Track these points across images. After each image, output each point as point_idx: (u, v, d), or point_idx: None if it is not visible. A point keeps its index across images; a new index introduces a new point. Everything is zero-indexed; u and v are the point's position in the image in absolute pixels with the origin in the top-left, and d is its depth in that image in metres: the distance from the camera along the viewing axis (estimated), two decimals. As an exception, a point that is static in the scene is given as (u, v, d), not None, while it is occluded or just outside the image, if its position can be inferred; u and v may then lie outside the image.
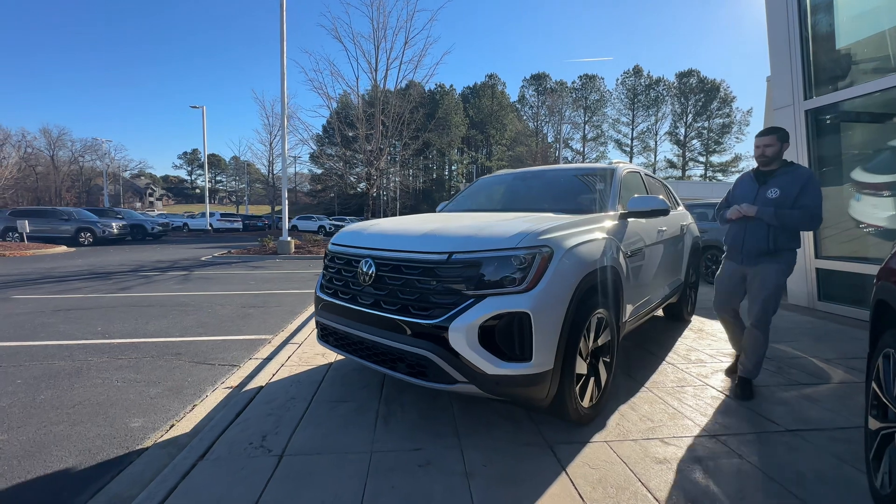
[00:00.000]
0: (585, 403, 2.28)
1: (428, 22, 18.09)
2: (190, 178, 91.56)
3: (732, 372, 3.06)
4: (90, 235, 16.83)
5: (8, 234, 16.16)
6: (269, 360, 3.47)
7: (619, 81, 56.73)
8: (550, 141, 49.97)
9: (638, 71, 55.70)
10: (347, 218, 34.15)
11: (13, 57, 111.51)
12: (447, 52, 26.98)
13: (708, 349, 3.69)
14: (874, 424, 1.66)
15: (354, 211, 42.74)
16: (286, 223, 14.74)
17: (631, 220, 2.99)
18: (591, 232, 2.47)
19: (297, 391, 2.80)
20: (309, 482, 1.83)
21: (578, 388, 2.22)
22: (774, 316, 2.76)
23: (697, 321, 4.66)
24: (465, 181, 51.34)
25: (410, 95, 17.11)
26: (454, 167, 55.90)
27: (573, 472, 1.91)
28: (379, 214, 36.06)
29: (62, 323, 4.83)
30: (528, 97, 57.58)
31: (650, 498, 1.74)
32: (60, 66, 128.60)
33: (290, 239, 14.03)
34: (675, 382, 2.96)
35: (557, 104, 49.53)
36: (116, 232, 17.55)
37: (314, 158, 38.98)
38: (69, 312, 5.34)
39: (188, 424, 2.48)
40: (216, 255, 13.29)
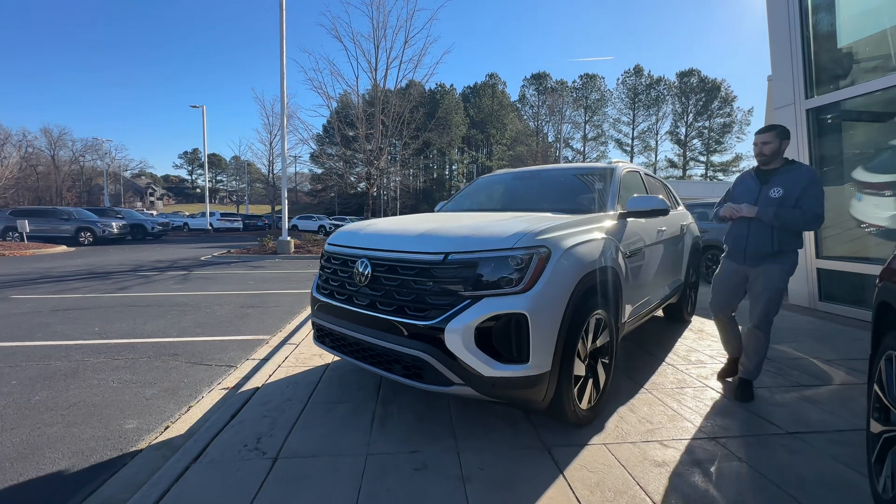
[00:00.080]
0: (584, 405, 2.26)
1: (428, 21, 17.99)
2: (190, 177, 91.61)
3: (723, 377, 3.01)
4: (90, 235, 16.84)
5: (8, 233, 16.16)
6: (266, 360, 3.45)
7: (619, 81, 56.82)
8: (551, 140, 49.86)
9: (638, 70, 55.68)
10: (348, 217, 34.11)
11: (14, 57, 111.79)
12: (447, 51, 26.85)
13: (708, 350, 3.66)
14: (876, 427, 1.64)
15: (355, 210, 42.71)
16: (286, 223, 14.73)
17: (630, 219, 2.96)
18: (589, 232, 2.45)
19: (293, 392, 2.78)
20: (303, 485, 1.81)
21: (577, 389, 2.20)
22: (775, 316, 2.74)
23: (697, 322, 4.63)
24: (465, 181, 51.36)
25: (410, 95, 17.08)
26: (454, 167, 55.94)
27: (571, 475, 1.88)
28: (379, 214, 36.04)
29: (60, 323, 4.81)
30: (528, 97, 57.62)
31: (648, 502, 1.71)
32: (61, 66, 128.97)
33: (289, 239, 14.02)
34: (674, 384, 2.94)
35: (558, 104, 49.49)
36: (116, 231, 17.56)
37: (314, 158, 38.92)
38: (67, 312, 5.33)
39: (183, 426, 2.46)
40: (216, 254, 13.28)
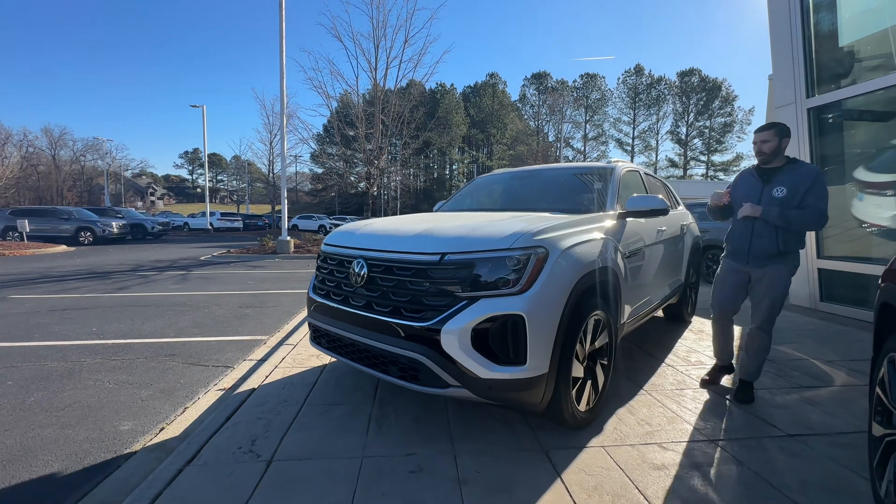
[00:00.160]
0: (582, 407, 2.23)
1: (428, 20, 17.89)
2: (191, 177, 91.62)
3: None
4: (90, 235, 16.85)
5: (8, 233, 16.17)
6: (263, 361, 3.43)
7: (620, 80, 56.68)
8: (551, 140, 49.79)
9: (639, 70, 55.56)
10: (348, 217, 34.12)
11: (15, 57, 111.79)
12: (447, 50, 26.74)
13: (708, 350, 3.63)
14: (878, 431, 1.61)
15: (355, 210, 42.66)
16: (286, 222, 14.72)
17: (630, 219, 2.93)
18: (588, 232, 2.42)
19: (289, 394, 2.76)
20: (297, 488, 1.79)
21: (575, 391, 2.17)
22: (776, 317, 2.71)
23: (698, 322, 4.60)
24: (465, 180, 51.29)
25: (411, 94, 17.06)
26: (455, 166, 55.90)
27: (568, 478, 1.86)
28: (379, 213, 36.03)
29: (57, 323, 4.80)
30: (529, 96, 57.52)
31: (647, 506, 1.69)
32: (62, 65, 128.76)
33: (289, 238, 14.01)
34: (674, 385, 2.91)
35: (558, 103, 49.35)
36: (116, 231, 17.56)
37: (315, 158, 38.96)
38: (65, 312, 5.31)
39: (178, 427, 2.45)
40: (215, 254, 13.27)
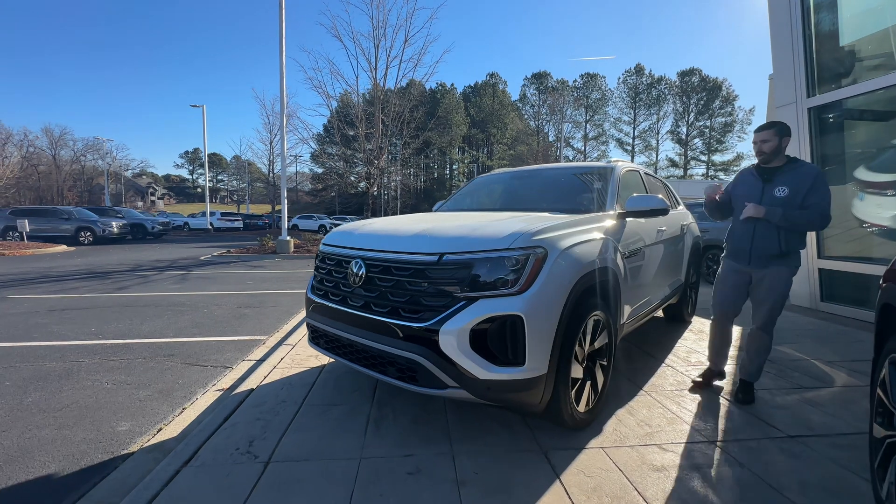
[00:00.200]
0: (581, 408, 2.22)
1: (428, 20, 17.89)
2: (191, 177, 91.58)
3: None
4: (90, 234, 16.85)
5: (8, 233, 16.17)
6: (261, 361, 3.42)
7: (620, 80, 56.56)
8: (552, 140, 49.75)
9: (639, 69, 55.49)
10: (348, 217, 34.13)
11: (15, 56, 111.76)
12: (447, 50, 26.64)
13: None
14: (879, 432, 1.60)
15: (355, 210, 42.65)
16: (286, 222, 14.71)
17: (629, 219, 2.92)
18: (587, 232, 2.41)
19: (287, 394, 2.75)
20: (294, 490, 1.78)
21: (574, 392, 2.16)
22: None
23: (698, 322, 4.59)
24: (465, 180, 51.26)
25: (411, 94, 17.04)
26: (455, 166, 55.87)
27: (567, 480, 1.85)
28: (379, 213, 36.02)
29: (56, 323, 4.79)
30: (529, 96, 57.43)
31: (646, 508, 1.68)
32: (62, 65, 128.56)
33: (289, 238, 14.00)
34: (674, 386, 2.90)
35: (559, 103, 49.23)
36: (116, 231, 17.57)
37: (315, 157, 38.94)
38: (64, 312, 5.31)
39: (176, 428, 2.43)
40: (215, 254, 13.26)
